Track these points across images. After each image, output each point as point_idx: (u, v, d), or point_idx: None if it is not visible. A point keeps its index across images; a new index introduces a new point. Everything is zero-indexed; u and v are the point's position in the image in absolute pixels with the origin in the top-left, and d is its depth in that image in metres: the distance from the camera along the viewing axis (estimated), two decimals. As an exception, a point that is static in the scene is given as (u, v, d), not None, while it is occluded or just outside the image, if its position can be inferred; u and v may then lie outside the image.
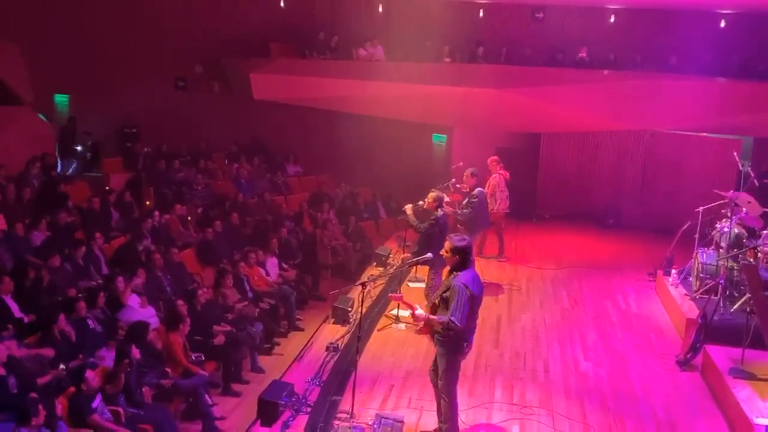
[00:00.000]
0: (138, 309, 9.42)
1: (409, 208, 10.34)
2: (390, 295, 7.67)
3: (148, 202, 14.00)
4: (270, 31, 17.35)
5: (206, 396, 8.31)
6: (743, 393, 7.60)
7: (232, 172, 16.32)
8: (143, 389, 7.86)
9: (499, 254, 13.34)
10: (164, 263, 10.77)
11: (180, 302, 9.11)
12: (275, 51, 17.29)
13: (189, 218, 13.55)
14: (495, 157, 13.30)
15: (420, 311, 6.75)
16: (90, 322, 8.64)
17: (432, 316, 6.68)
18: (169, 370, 8.38)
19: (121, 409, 7.33)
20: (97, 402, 7.10)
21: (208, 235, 12.40)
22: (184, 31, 17.23)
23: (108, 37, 17.11)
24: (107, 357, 8.25)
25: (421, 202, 10.44)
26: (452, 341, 6.65)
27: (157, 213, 12.56)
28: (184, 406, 8.32)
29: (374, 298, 11.02)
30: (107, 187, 14.48)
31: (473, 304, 6.55)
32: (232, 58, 17.26)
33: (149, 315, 9.38)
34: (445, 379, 6.78)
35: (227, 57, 17.32)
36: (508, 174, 13.11)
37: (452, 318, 6.41)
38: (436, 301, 6.74)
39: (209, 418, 8.05)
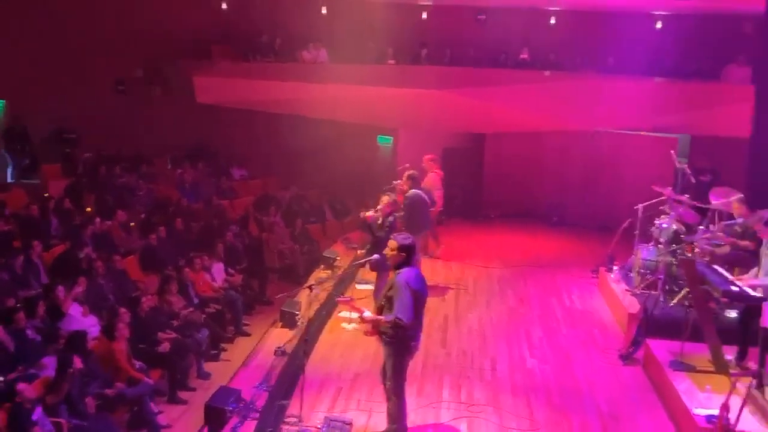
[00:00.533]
0: (79, 318, 9.21)
1: (370, 215, 10.33)
2: (338, 298, 7.66)
3: (88, 209, 13.69)
4: (212, 34, 17.15)
5: (151, 404, 8.18)
6: (683, 385, 7.79)
7: (176, 177, 16.09)
8: (86, 399, 7.68)
9: (431, 252, 13.43)
10: (106, 271, 10.55)
11: (123, 310, 8.94)
12: (217, 54, 17.12)
13: (131, 224, 13.30)
14: (431, 156, 13.44)
15: (367, 313, 6.78)
16: (29, 332, 8.41)
17: (379, 317, 6.71)
18: (112, 379, 8.22)
19: (63, 421, 7.15)
20: (37, 414, 6.91)
21: (152, 241, 12.20)
22: (123, 33, 16.88)
23: (45, 41, 16.67)
24: (49, 367, 8.04)
25: (380, 208, 10.40)
26: (399, 341, 6.68)
27: (98, 219, 12.32)
28: (129, 415, 8.16)
29: (322, 301, 10.99)
30: (46, 194, 14.13)
31: (417, 301, 6.57)
32: (174, 61, 17.01)
33: (91, 324, 9.18)
34: (393, 379, 6.80)
35: (169, 60, 17.07)
36: (442, 173, 13.29)
37: (398, 315, 6.44)
38: (382, 302, 6.76)
39: (154, 427, 7.93)
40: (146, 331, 9.23)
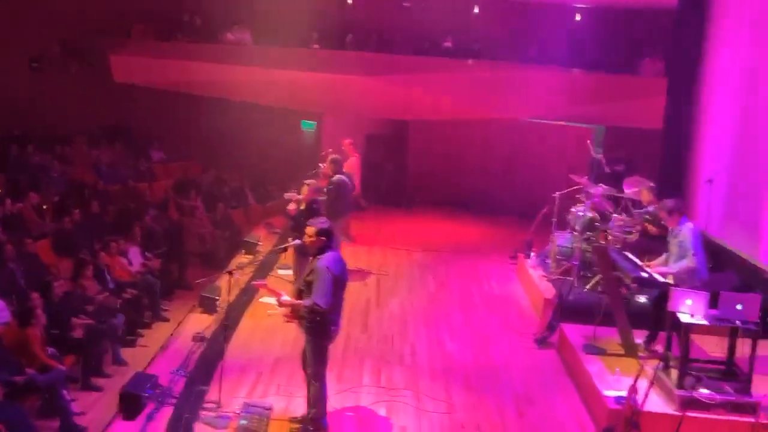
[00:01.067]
0: (-12, 303, 8.87)
1: (291, 196, 10.29)
2: (254, 282, 7.61)
3: (-2, 190, 13.19)
4: (132, 12, 16.69)
5: (63, 391, 7.95)
6: (595, 367, 8.05)
7: (92, 158, 15.62)
8: (-6, 387, 7.43)
9: (352, 236, 13.50)
10: (17, 254, 10.18)
11: (35, 295, 8.65)
12: (138, 33, 16.70)
13: (44, 207, 12.86)
14: (349, 140, 13.47)
15: (285, 297, 6.76)
16: (-67, 318, 8.08)
17: (296, 301, 6.70)
18: (23, 365, 7.96)
19: (-31, 409, 6.90)
20: (-59, 402, 6.65)
21: (66, 225, 11.84)
22: (39, 9, 16.26)
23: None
24: (-46, 355, 7.74)
25: (301, 197, 10.36)
26: (319, 326, 6.68)
27: (8, 201, 11.86)
28: (40, 402, 7.93)
29: (242, 286, 10.89)
30: (-48, 175, 13.55)
31: (337, 285, 6.60)
32: (91, 38, 16.48)
33: (0, 309, 8.85)
34: (313, 364, 6.81)
35: (87, 37, 16.52)
36: (359, 157, 13.56)
37: (316, 300, 6.45)
38: (302, 287, 6.75)
39: (67, 414, 7.70)
40: (59, 316, 8.95)
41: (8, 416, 7.11)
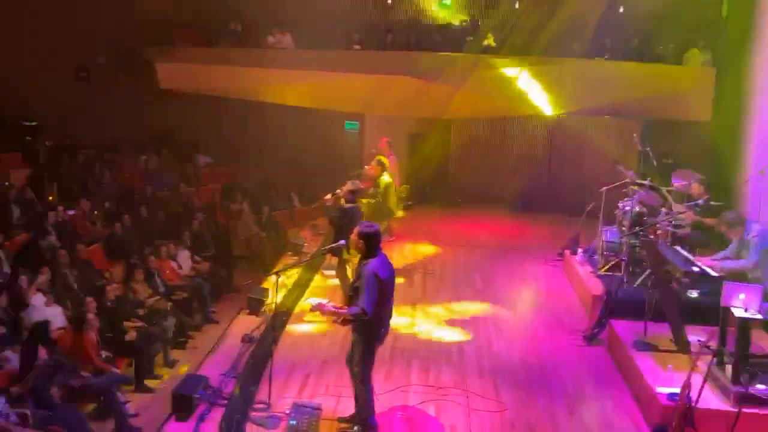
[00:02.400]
0: (43, 308, 9.09)
1: (328, 198, 10.38)
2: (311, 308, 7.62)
3: (51, 198, 13.50)
4: (175, 20, 16.92)
5: (118, 393, 8.11)
6: (646, 364, 7.92)
7: (140, 165, 15.91)
8: (52, 390, 7.61)
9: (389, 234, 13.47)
10: (70, 260, 10.43)
11: (88, 299, 8.86)
12: (180, 39, 16.90)
13: (95, 213, 13.15)
14: (387, 139, 13.44)
15: (329, 306, 6.77)
16: (-8, 323, 8.31)
17: (341, 310, 6.72)
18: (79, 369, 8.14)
19: (28, 411, 7.08)
20: (0, 404, 6.83)
21: (116, 230, 12.09)
22: (86, 20, 16.56)
23: (4, 28, 16.33)
24: (12, 359, 7.95)
25: (338, 191, 10.44)
26: (368, 328, 6.70)
27: (61, 208, 12.15)
28: (96, 404, 8.10)
29: (289, 287, 10.98)
30: (6, 183, 13.88)
31: (383, 290, 6.59)
32: (137, 47, 16.77)
33: (55, 314, 9.06)
34: (360, 365, 6.82)
35: (132, 46, 16.82)
36: (395, 156, 13.57)
37: (363, 306, 6.46)
38: (350, 293, 6.76)
39: (122, 416, 7.85)
40: (112, 320, 9.14)
41: (65, 419, 7.28)
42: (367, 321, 6.57)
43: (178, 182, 15.45)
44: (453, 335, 9.62)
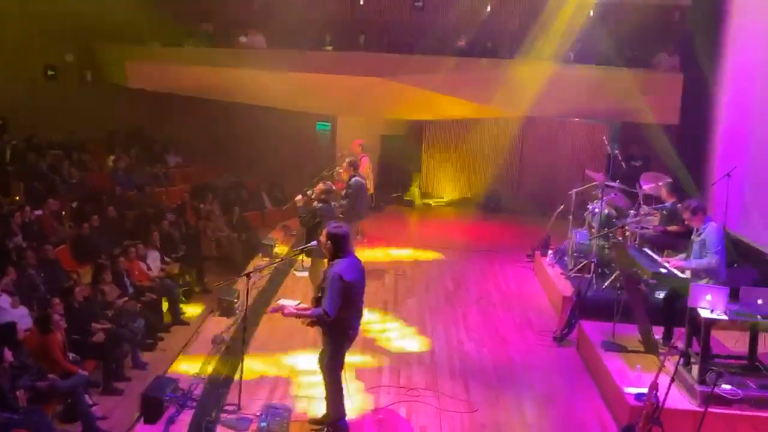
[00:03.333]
0: (9, 309, 8.94)
1: (299, 198, 10.35)
2: (267, 310, 7.62)
3: (17, 197, 13.30)
4: (146, 18, 16.75)
5: (85, 396, 8.01)
6: (615, 364, 8.00)
7: (109, 164, 15.74)
8: (17, 392, 7.49)
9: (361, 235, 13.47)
10: (37, 260, 10.28)
11: (55, 300, 8.73)
12: (151, 38, 16.74)
13: (63, 213, 12.98)
14: (360, 141, 13.44)
15: (290, 309, 6.75)
16: (-44, 324, 8.15)
17: (304, 312, 6.72)
18: (45, 371, 8.02)
19: (-7, 415, 6.97)
20: (-35, 408, 6.72)
21: (84, 230, 11.94)
22: (54, 18, 16.36)
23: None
24: (-23, 361, 7.81)
25: (309, 192, 10.42)
26: (336, 330, 6.69)
27: (28, 208, 11.97)
28: (62, 407, 7.99)
29: (260, 289, 10.93)
30: (-29, 183, 13.67)
31: (350, 292, 6.56)
32: (105, 45, 16.60)
33: (21, 315, 8.92)
34: (330, 366, 6.81)
35: (101, 44, 16.64)
36: (368, 157, 13.54)
37: (325, 309, 6.45)
38: (318, 294, 6.74)
39: (89, 418, 7.75)
40: (80, 321, 9.02)
41: (31, 422, 7.17)
42: (335, 322, 6.56)
43: (147, 182, 15.30)
44: (423, 336, 9.63)
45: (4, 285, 9.23)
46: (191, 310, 11.25)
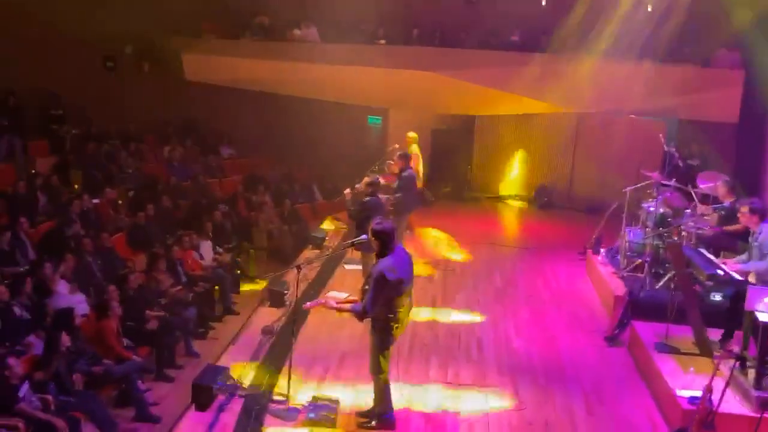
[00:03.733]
0: (67, 295, 9.19)
1: (348, 192, 10.39)
2: (304, 305, 7.68)
3: (76, 186, 13.63)
4: (202, 12, 16.97)
5: (139, 382, 8.19)
6: (667, 366, 7.87)
7: (164, 155, 16.02)
8: (74, 376, 7.70)
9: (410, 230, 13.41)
10: (94, 248, 10.53)
11: (111, 288, 8.94)
12: (207, 31, 16.97)
13: (120, 202, 13.26)
14: (413, 134, 13.37)
15: (331, 302, 6.82)
16: (16, 309, 8.40)
17: (344, 305, 6.79)
18: (101, 356, 8.22)
19: (50, 397, 7.17)
20: (23, 390, 6.92)
21: (140, 219, 12.19)
22: (113, 9, 16.67)
23: (32, 18, 16.42)
24: (36, 345, 8.04)
25: (358, 185, 10.48)
26: (383, 325, 6.70)
27: (86, 197, 12.27)
28: (117, 392, 8.19)
29: (310, 280, 11.01)
30: (33, 171, 14.04)
31: (393, 289, 6.53)
32: (164, 38, 16.86)
33: (78, 301, 9.16)
34: (377, 359, 6.82)
35: (158, 37, 16.91)
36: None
37: (365, 305, 6.52)
38: (365, 288, 6.76)
39: (142, 404, 7.94)
40: (134, 308, 9.22)
41: (87, 405, 7.38)
42: (380, 317, 6.60)
43: (201, 173, 15.54)
44: (472, 332, 9.59)
45: (62, 272, 9.48)
46: (242, 301, 11.39)
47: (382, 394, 6.95)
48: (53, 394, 7.22)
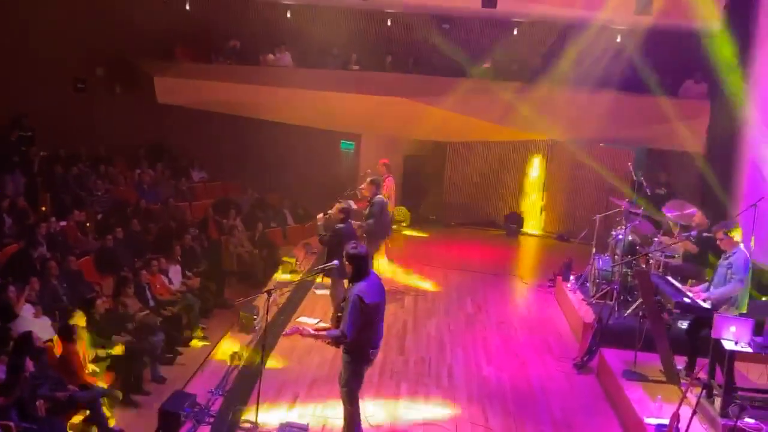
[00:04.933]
0: (31, 319, 9.03)
1: (320, 217, 10.38)
2: (283, 333, 7.63)
3: (44, 208, 13.45)
4: (175, 35, 16.95)
5: (103, 408, 8.04)
6: (635, 394, 7.91)
7: (134, 178, 15.90)
8: (37, 402, 7.54)
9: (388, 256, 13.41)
10: (60, 271, 10.38)
11: (77, 312, 8.81)
12: (180, 55, 16.95)
13: (88, 225, 13.11)
14: (385, 161, 13.40)
15: (307, 330, 6.75)
16: (-21, 333, 8.24)
17: (321, 333, 6.72)
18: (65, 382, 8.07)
19: (12, 424, 7.00)
20: (-15, 417, 6.77)
21: (108, 242, 12.04)
22: (85, 31, 16.61)
23: (1, 36, 16.33)
24: (-1, 370, 7.88)
25: (330, 211, 10.46)
26: (357, 350, 6.67)
27: (53, 219, 12.11)
28: (81, 419, 8.03)
29: (280, 306, 10.95)
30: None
31: (368, 313, 6.53)
32: (136, 60, 16.81)
33: (44, 325, 9.01)
34: (347, 386, 6.78)
35: (130, 59, 16.85)
36: (393, 177, 13.45)
37: (343, 329, 6.46)
38: (339, 314, 6.73)
39: (107, 431, 7.80)
40: (101, 334, 9.08)
41: (49, 431, 7.21)
42: (354, 343, 6.55)
43: (171, 196, 15.43)
44: (443, 358, 9.58)
45: (27, 295, 9.32)
46: (212, 326, 11.27)
47: (353, 422, 6.89)
48: (15, 420, 7.06)
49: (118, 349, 9.04)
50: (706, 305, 7.94)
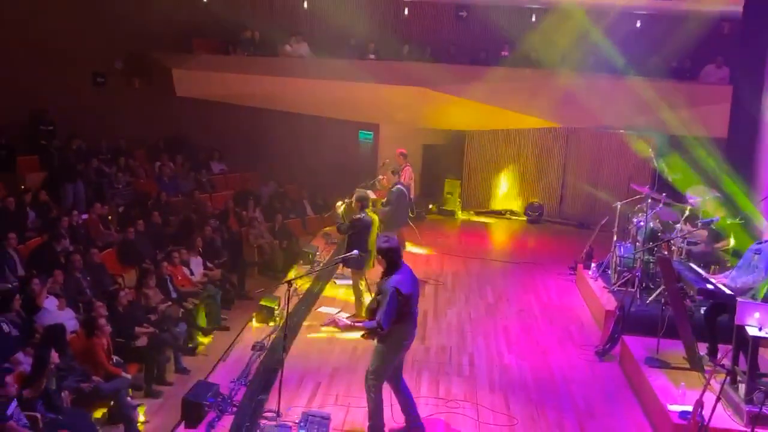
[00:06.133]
0: (55, 311, 9.13)
1: (339, 206, 10.40)
2: (321, 324, 7.66)
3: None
4: (192, 27, 17.01)
5: (128, 399, 8.13)
6: (658, 381, 7.86)
7: (155, 170, 15.99)
8: (62, 394, 7.63)
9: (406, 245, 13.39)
10: (83, 264, 10.47)
11: (99, 304, 8.89)
12: (198, 47, 17.01)
13: (110, 217, 13.21)
14: (402, 150, 13.39)
15: (344, 321, 6.79)
16: (4, 325, 8.33)
17: (357, 323, 6.75)
18: (89, 373, 8.16)
19: (39, 415, 7.09)
20: (11, 408, 6.84)
21: (130, 235, 12.13)
22: (103, 25, 16.68)
23: (22, 33, 16.42)
24: (24, 361, 7.97)
25: (349, 200, 10.49)
26: (393, 339, 6.71)
27: (75, 212, 12.21)
28: (106, 410, 8.11)
29: (301, 296, 10.99)
30: (22, 186, 13.97)
31: (404, 304, 6.59)
32: (154, 53, 16.88)
33: (67, 317, 9.10)
34: (375, 374, 6.80)
35: (149, 52, 16.93)
36: (410, 167, 13.50)
37: (379, 320, 6.50)
38: (374, 305, 6.75)
39: (131, 421, 7.88)
40: (124, 325, 9.17)
41: (75, 423, 7.30)
42: (391, 333, 6.60)
43: (192, 188, 15.51)
44: (463, 347, 9.57)
45: (51, 287, 9.42)
46: (233, 316, 11.34)
47: (377, 411, 6.91)
48: (41, 411, 7.15)
49: (141, 341, 9.12)
50: (729, 291, 7.87)
